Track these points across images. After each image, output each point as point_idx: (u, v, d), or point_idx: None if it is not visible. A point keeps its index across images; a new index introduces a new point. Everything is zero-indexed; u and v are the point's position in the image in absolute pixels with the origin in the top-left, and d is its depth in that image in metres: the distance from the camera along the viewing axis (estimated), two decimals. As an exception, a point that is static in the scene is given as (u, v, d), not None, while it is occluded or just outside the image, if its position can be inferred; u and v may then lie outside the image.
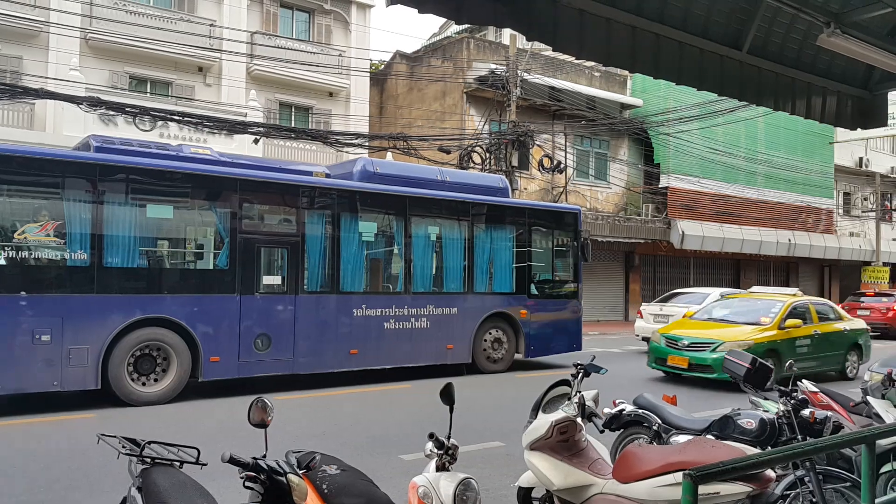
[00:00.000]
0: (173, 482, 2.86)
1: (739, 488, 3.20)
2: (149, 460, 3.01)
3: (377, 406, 8.81)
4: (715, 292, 15.96)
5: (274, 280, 9.78)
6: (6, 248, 7.89)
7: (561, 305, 12.76)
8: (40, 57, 17.42)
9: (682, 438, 4.28)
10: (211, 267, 9.53)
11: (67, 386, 8.22)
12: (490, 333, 11.76)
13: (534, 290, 12.34)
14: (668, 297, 17.19)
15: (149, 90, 19.48)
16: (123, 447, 3.06)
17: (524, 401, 4.16)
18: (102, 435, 3.15)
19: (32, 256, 8.05)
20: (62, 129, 16.34)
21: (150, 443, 3.08)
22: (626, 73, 25.54)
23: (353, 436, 7.03)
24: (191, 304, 8.94)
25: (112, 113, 15.81)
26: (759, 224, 26.93)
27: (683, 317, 14.21)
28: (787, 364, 4.78)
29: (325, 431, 7.21)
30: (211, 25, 19.67)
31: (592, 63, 23.71)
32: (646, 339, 15.96)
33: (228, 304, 9.23)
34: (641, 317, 16.27)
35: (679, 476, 3.28)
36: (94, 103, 13.97)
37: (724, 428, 4.36)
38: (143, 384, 8.67)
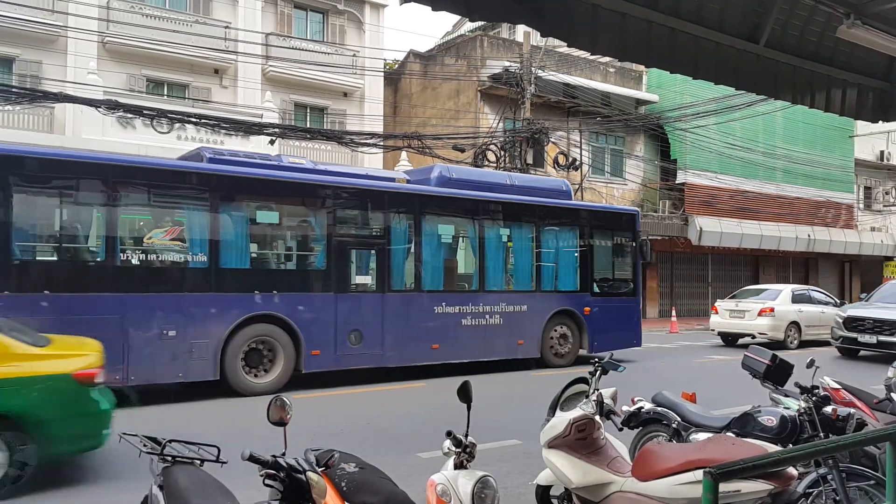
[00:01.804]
0: (194, 480, 2.88)
1: (761, 486, 3.16)
2: (170, 459, 3.04)
3: (393, 404, 8.83)
4: (787, 289, 16.90)
5: (364, 279, 10.50)
6: (138, 252, 8.67)
7: (621, 303, 13.27)
8: (59, 61, 17.65)
9: (702, 436, 4.24)
10: (310, 267, 10.18)
11: (191, 377, 8.93)
12: (556, 330, 12.29)
13: (596, 289, 12.90)
14: (742, 293, 17.82)
15: (166, 93, 19.65)
16: (144, 446, 3.09)
17: (545, 398, 4.14)
18: (124, 433, 3.18)
19: (159, 259, 8.82)
20: (81, 132, 16.53)
21: (170, 441, 3.10)
22: (641, 68, 25.38)
23: (370, 434, 7.05)
24: (294, 302, 9.62)
25: (130, 116, 15.99)
26: (778, 220, 26.64)
27: (760, 313, 15.75)
28: (809, 360, 4.72)
29: (342, 430, 7.23)
30: (226, 27, 19.81)
31: (607, 59, 23.61)
32: (721, 335, 16.87)
33: (326, 302, 9.93)
34: (717, 313, 16.92)
35: (699, 474, 3.26)
36: (112, 106, 14.14)
37: (744, 425, 4.31)
38: (255, 376, 9.33)
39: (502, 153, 18.77)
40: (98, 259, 8.58)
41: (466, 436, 3.04)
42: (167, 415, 8.01)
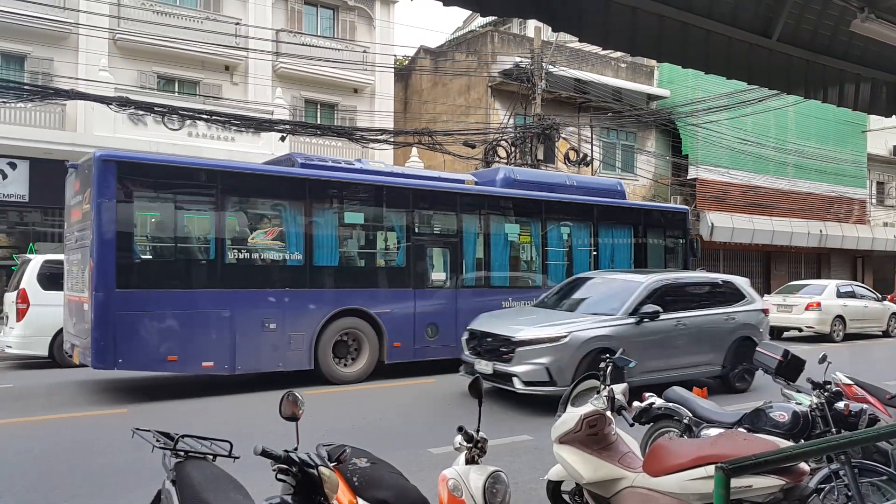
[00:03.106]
0: (207, 475, 2.90)
1: (773, 482, 3.15)
2: (182, 454, 3.06)
3: (403, 400, 8.85)
4: (832, 284, 17.54)
5: (439, 276, 11.10)
6: (243, 251, 9.34)
7: None
8: (70, 58, 17.74)
9: (714, 432, 4.22)
10: (392, 265, 10.84)
11: (289, 366, 9.55)
12: None
13: None
14: (787, 288, 18.33)
15: (177, 89, 19.74)
16: (157, 441, 3.11)
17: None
18: (137, 429, 3.21)
19: (261, 258, 9.48)
20: (93, 129, 16.63)
21: (183, 436, 3.12)
22: (652, 63, 25.20)
23: (381, 429, 7.07)
24: (377, 297, 10.33)
25: (141, 112, 16.07)
26: (790, 215, 26.44)
27: (807, 307, 16.52)
28: (821, 356, 4.69)
29: (353, 425, 7.26)
30: (237, 24, 19.86)
31: (618, 54, 23.48)
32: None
33: (406, 297, 10.61)
34: None
35: (711, 469, 3.25)
36: (123, 103, 14.21)
37: (755, 421, 4.29)
38: (344, 366, 10.00)
39: (513, 149, 18.74)
40: (209, 258, 9.16)
41: (478, 431, 3.05)
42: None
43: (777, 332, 17.20)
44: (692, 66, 4.28)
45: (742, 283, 10.09)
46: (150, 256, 8.96)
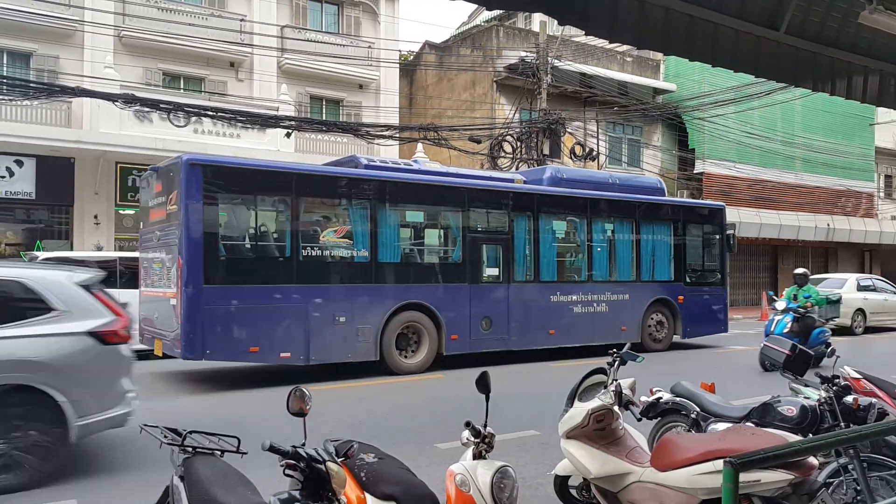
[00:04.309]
0: (215, 471, 2.91)
1: (781, 476, 3.14)
2: (190, 450, 3.06)
3: (411, 396, 8.86)
4: (852, 278, 17.96)
5: (492, 271, 11.47)
6: (315, 249, 9.82)
7: (711, 292, 14.17)
8: (76, 56, 17.79)
9: (721, 426, 4.21)
10: (449, 261, 11.30)
11: (357, 357, 10.03)
12: (654, 317, 13.23)
13: (688, 279, 13.81)
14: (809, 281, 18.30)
15: (182, 86, 19.76)
16: (165, 437, 3.12)
17: (561, 389, 4.14)
18: (145, 425, 3.22)
19: (331, 255, 9.98)
20: (99, 127, 16.67)
21: (191, 432, 3.13)
22: (659, 57, 25.10)
23: (388, 425, 7.08)
24: (436, 292, 10.78)
25: (147, 109, 16.09)
26: (798, 209, 26.33)
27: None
28: (830, 349, 4.67)
29: (360, 421, 7.27)
30: (241, 20, 19.85)
31: (624, 48, 23.40)
32: None
33: (462, 292, 11.03)
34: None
35: (719, 464, 3.24)
36: (129, 100, 14.23)
37: (763, 415, 4.28)
38: (406, 357, 10.43)
39: (519, 144, 18.70)
40: (285, 255, 9.62)
41: (485, 426, 3.05)
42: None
43: None
44: (699, 59, 4.25)
45: (43, 281, 5.37)
46: (233, 254, 9.46)
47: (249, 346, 9.19)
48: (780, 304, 11.10)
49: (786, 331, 10.40)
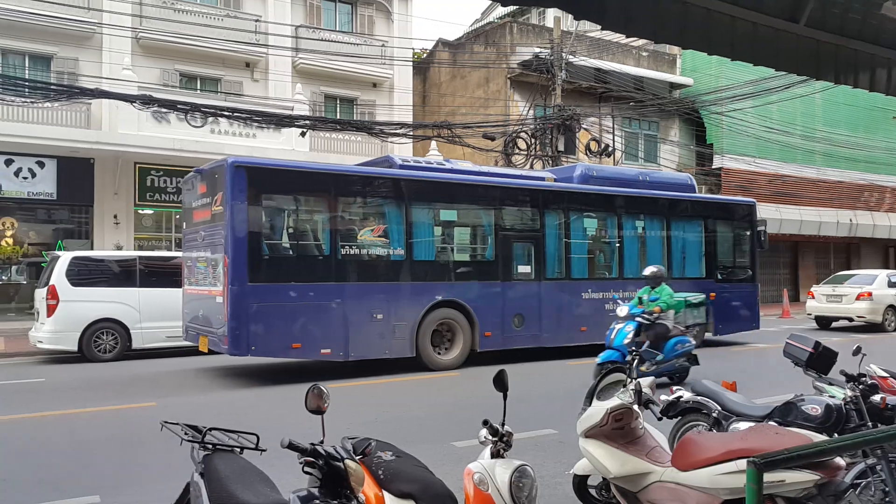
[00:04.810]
0: (234, 468, 2.92)
1: (806, 476, 3.08)
2: (210, 446, 3.07)
3: (426, 394, 8.86)
4: (882, 274, 17.79)
5: (524, 269, 11.56)
6: (353, 247, 10.00)
7: (742, 289, 14.14)
8: (94, 58, 17.97)
9: (743, 425, 4.15)
10: (482, 259, 11.52)
11: (394, 354, 10.22)
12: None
13: (719, 276, 13.81)
14: (839, 278, 18.34)
15: (199, 87, 19.91)
16: (186, 434, 3.13)
17: (578, 387, 4.10)
18: (166, 422, 3.23)
19: (368, 253, 10.18)
20: (117, 128, 16.84)
21: (211, 429, 3.14)
22: (675, 52, 24.88)
23: (404, 423, 7.08)
24: (470, 290, 10.92)
25: (164, 110, 16.24)
26: (819, 204, 25.97)
27: (858, 297, 16.41)
28: (855, 348, 4.59)
29: (376, 419, 7.27)
30: (256, 21, 19.95)
31: (640, 43, 23.22)
32: (817, 319, 17.63)
33: (494, 289, 11.16)
34: (813, 297, 17.66)
35: (742, 463, 3.19)
36: (146, 101, 14.35)
37: (786, 414, 4.21)
38: (440, 353, 10.60)
39: (533, 141, 18.62)
40: (325, 254, 9.85)
41: (503, 425, 3.02)
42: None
43: (825, 322, 17.46)
44: (717, 52, 4.18)
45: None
46: (276, 253, 9.71)
47: (292, 343, 9.43)
48: (622, 310, 9.12)
49: (626, 341, 8.51)
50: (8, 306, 17.56)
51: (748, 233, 14.30)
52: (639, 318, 8.87)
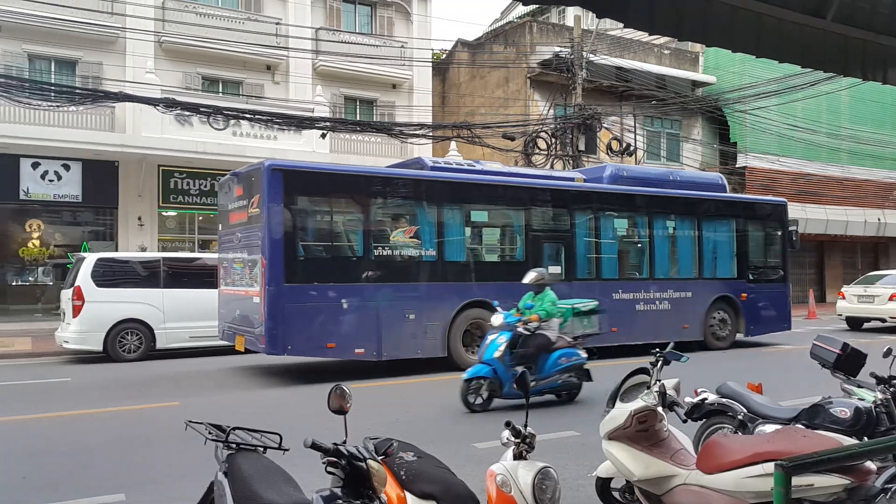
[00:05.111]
0: (258, 467, 2.93)
1: (835, 480, 3.02)
2: (234, 446, 3.09)
3: (447, 395, 8.83)
4: None
5: (554, 269, 11.44)
6: (385, 248, 10.14)
7: (773, 289, 14.04)
8: (118, 62, 18.23)
9: (770, 428, 4.09)
10: (512, 259, 11.64)
11: (426, 353, 10.29)
12: (716, 315, 13.14)
13: (751, 276, 13.69)
14: (870, 278, 18.07)
15: (220, 90, 20.09)
16: (210, 433, 3.15)
17: (597, 389, 4.06)
18: (190, 421, 3.26)
19: (400, 254, 10.30)
20: (141, 131, 17.05)
21: (234, 429, 3.16)
22: (697, 49, 24.63)
23: (425, 423, 7.08)
24: (500, 290, 10.59)
25: (187, 113, 16.41)
26: (845, 203, 25.53)
27: (891, 297, 16.02)
28: (886, 349, 4.50)
29: (397, 419, 7.28)
30: (277, 24, 20.09)
31: (662, 41, 23.01)
32: (848, 319, 17.40)
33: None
34: (843, 298, 17.40)
35: (768, 467, 3.14)
36: (169, 104, 14.52)
37: (814, 417, 4.14)
38: (472, 353, 10.37)
39: (553, 140, 18.54)
40: (358, 255, 10.03)
41: (525, 426, 3.01)
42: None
43: (856, 323, 17.21)
44: (741, 50, 4.12)
45: None
46: (311, 254, 9.87)
47: (327, 343, 9.57)
48: (496, 319, 7.94)
49: (497, 355, 7.53)
50: (34, 307, 17.86)
51: (779, 233, 14.20)
52: (512, 328, 7.78)
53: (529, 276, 8.26)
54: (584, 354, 8.02)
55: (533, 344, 7.74)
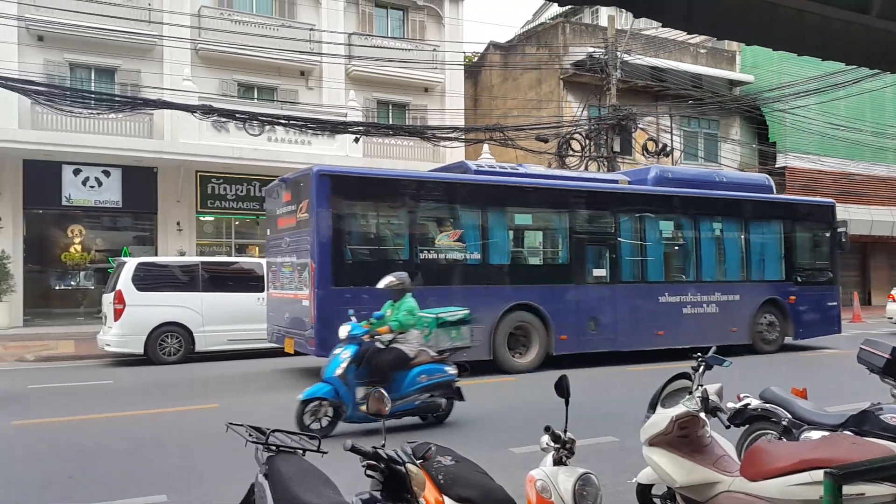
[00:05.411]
0: (297, 469, 2.95)
1: (889, 490, 2.92)
2: (274, 448, 3.12)
3: (482, 399, 8.80)
4: None
5: (599, 272, 11.55)
6: (431, 251, 10.27)
7: (822, 292, 13.77)
8: (156, 69, 18.62)
9: (816, 434, 3.97)
10: (556, 262, 11.63)
11: (471, 356, 9.85)
12: (765, 318, 12.94)
13: (799, 278, 13.45)
14: None
15: (256, 96, 20.39)
16: (250, 435, 3.18)
17: (635, 393, 4.00)
18: (231, 423, 3.30)
19: (445, 257, 10.37)
20: (179, 137, 17.39)
21: (274, 431, 3.18)
22: (734, 48, 24.22)
23: (461, 427, 7.06)
24: (544, 293, 10.89)
25: (224, 120, 16.66)
26: (890, 203, 24.80)
27: None
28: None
29: (431, 423, 7.27)
30: (311, 30, 20.32)
31: (698, 40, 22.66)
32: None
33: (568, 293, 11.16)
34: (894, 300, 17.21)
35: (816, 474, 3.05)
36: (206, 111, 14.74)
37: (862, 423, 4.01)
38: (516, 357, 10.64)
39: (587, 142, 18.38)
40: (403, 258, 10.09)
41: (565, 431, 2.97)
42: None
43: None
44: (783, 48, 4.02)
45: None
46: (358, 257, 10.04)
47: None
48: (343, 330, 6.95)
49: (338, 373, 6.60)
50: (77, 311, 18.34)
51: (827, 234, 13.96)
52: (358, 341, 6.82)
53: (384, 281, 7.24)
54: (452, 371, 7.05)
55: (384, 359, 6.79)
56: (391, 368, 6.80)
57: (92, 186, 17.62)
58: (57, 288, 18.45)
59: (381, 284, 7.23)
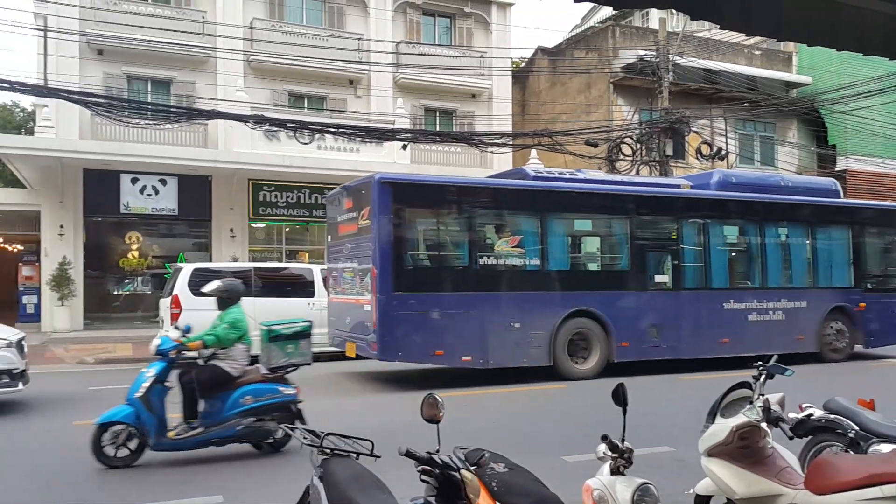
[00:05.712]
0: (351, 473, 2.97)
1: (967, 507, 2.78)
2: (328, 451, 3.15)
3: (533, 405, 8.74)
4: None
5: (661, 278, 11.40)
6: (490, 257, 10.25)
7: (894, 299, 13.33)
8: (210, 81, 19.16)
9: (885, 447, 3.81)
10: (617, 268, 11.46)
11: (531, 362, 10.30)
12: (832, 325, 12.55)
13: (868, 285, 13.07)
14: None
15: (306, 105, 20.77)
16: (305, 438, 3.23)
17: (691, 402, 3.90)
18: (287, 426, 3.34)
19: (504, 263, 10.33)
20: (232, 146, 17.83)
21: (328, 434, 3.21)
22: (790, 49, 23.55)
23: (512, 435, 7.01)
24: (604, 299, 10.80)
25: (275, 129, 17.03)
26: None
27: None
28: None
29: (481, 428, 7.24)
30: (359, 39, 20.60)
31: (753, 41, 22.14)
32: None
33: (630, 299, 11.06)
34: None
35: (888, 489, 2.93)
36: (259, 121, 15.09)
37: (936, 437, 3.83)
38: (576, 363, 10.58)
39: (638, 146, 18.10)
40: (463, 264, 10.17)
41: (623, 440, 2.92)
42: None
43: None
44: (846, 48, 3.88)
45: None
46: (419, 263, 10.12)
47: (435, 350, 9.74)
48: (153, 345, 6.14)
49: (138, 394, 5.84)
50: (134, 315, 18.94)
51: None
52: (166, 356, 5.97)
53: (209, 286, 6.51)
54: (289, 391, 6.24)
55: (199, 378, 6.00)
56: (207, 389, 6.01)
57: (149, 195, 18.20)
58: (115, 293, 19.08)
59: (206, 289, 6.53)
